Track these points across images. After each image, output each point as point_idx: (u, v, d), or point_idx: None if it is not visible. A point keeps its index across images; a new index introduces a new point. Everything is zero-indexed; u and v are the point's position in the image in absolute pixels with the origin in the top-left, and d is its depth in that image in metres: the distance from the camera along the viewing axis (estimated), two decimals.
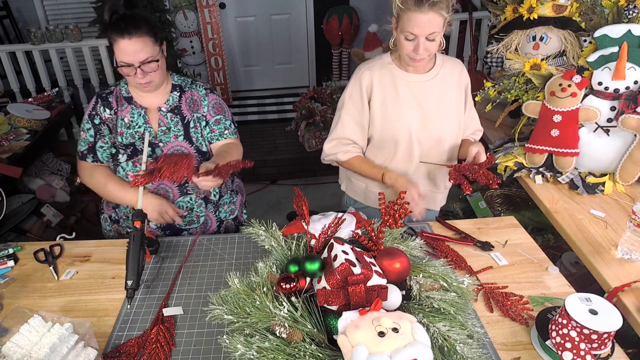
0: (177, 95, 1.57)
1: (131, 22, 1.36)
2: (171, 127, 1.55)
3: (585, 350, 0.95)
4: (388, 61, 1.55)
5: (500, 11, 2.02)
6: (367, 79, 1.54)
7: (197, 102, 1.58)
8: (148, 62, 1.40)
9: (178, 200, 1.60)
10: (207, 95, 1.60)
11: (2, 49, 3.30)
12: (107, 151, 1.57)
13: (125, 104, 1.54)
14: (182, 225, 1.63)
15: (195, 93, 1.59)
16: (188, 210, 1.62)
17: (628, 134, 1.63)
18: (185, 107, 1.57)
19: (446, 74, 1.57)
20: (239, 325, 1.02)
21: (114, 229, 1.70)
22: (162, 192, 1.58)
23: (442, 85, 1.56)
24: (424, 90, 1.55)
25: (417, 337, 0.87)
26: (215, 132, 1.60)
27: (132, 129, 1.54)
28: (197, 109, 1.58)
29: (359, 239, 1.14)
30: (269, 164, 3.88)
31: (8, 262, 1.42)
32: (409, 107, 1.54)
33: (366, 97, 1.56)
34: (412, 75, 1.54)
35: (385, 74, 1.54)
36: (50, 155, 3.05)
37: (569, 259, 1.93)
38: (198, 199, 1.62)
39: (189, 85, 1.60)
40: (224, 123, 1.61)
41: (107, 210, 1.70)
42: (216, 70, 4.76)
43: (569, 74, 1.66)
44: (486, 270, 1.33)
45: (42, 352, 0.97)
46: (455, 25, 3.42)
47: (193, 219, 1.64)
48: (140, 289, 1.30)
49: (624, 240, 1.35)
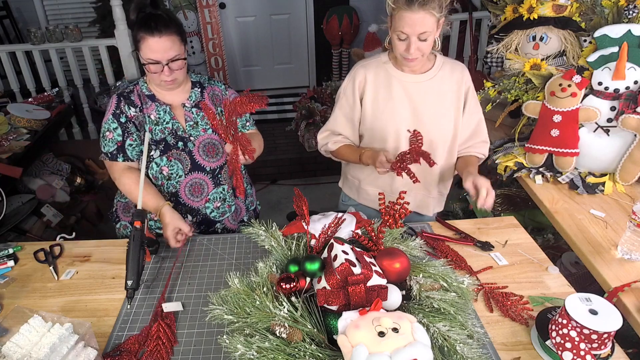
0: (198, 91, 1.59)
1: (161, 21, 1.39)
2: (198, 121, 1.58)
3: (585, 350, 0.95)
4: (385, 60, 1.56)
5: (500, 11, 2.02)
6: (360, 76, 1.56)
7: (219, 97, 1.63)
8: (175, 60, 1.43)
9: (212, 192, 1.62)
10: (227, 90, 1.66)
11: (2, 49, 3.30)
12: (136, 149, 1.55)
13: (149, 102, 1.54)
14: (217, 217, 1.67)
15: (217, 88, 1.64)
16: (221, 200, 1.66)
17: (628, 134, 1.63)
18: (208, 102, 1.60)
19: (445, 76, 1.54)
20: (239, 325, 1.02)
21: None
22: (196, 185, 1.59)
23: (440, 87, 1.54)
24: (419, 91, 1.53)
25: (417, 337, 0.87)
26: (238, 125, 1.67)
27: (161, 125, 1.54)
28: (220, 103, 1.62)
29: (359, 239, 1.14)
30: (269, 164, 3.87)
31: (8, 262, 1.42)
32: (402, 106, 1.54)
33: (358, 94, 1.57)
34: (407, 75, 1.53)
35: (380, 72, 1.55)
36: (50, 155, 3.05)
37: (569, 259, 1.93)
38: (230, 189, 1.67)
39: (207, 81, 1.64)
40: (245, 116, 1.71)
41: (124, 217, 1.70)
42: (216, 70, 4.76)
43: (569, 74, 1.66)
44: (486, 270, 1.33)
45: (42, 352, 0.97)
46: (455, 25, 3.41)
47: (226, 209, 1.68)
48: (140, 289, 1.30)
49: (624, 240, 1.35)
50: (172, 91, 1.55)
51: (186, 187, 1.58)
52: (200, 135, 1.57)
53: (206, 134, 1.58)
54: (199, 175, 1.59)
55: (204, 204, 1.62)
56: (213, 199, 1.63)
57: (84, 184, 3.14)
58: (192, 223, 1.63)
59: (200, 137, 1.57)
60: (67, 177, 3.01)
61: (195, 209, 1.62)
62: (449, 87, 1.54)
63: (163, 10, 1.45)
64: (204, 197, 1.61)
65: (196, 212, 1.63)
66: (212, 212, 1.65)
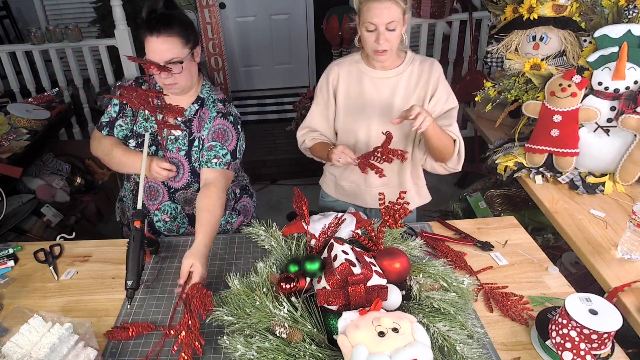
0: (195, 108, 1.51)
1: (163, 21, 1.33)
2: (179, 139, 1.51)
3: (585, 350, 0.95)
4: (357, 59, 1.60)
5: (500, 11, 2.02)
6: (334, 73, 1.61)
7: (203, 123, 1.51)
8: (173, 62, 1.35)
9: (165, 203, 1.59)
10: (215, 119, 1.50)
11: (2, 49, 3.29)
12: (124, 131, 1.55)
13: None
14: (162, 229, 1.63)
15: (207, 112, 1.51)
16: (171, 218, 1.61)
17: (628, 134, 1.63)
18: (196, 124, 1.51)
19: (414, 71, 1.55)
20: (239, 326, 1.02)
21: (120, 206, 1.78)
22: (153, 189, 1.59)
23: (409, 82, 1.55)
24: (388, 86, 1.56)
25: (417, 337, 0.87)
26: (204, 158, 1.48)
27: (149, 123, 1.53)
28: (201, 130, 1.51)
29: (359, 239, 1.14)
30: (269, 164, 3.87)
31: (8, 262, 1.42)
32: (372, 102, 1.57)
33: (332, 91, 1.62)
34: (378, 72, 1.56)
35: (352, 70, 1.59)
36: (50, 155, 3.05)
37: (569, 259, 1.93)
38: (183, 212, 1.61)
39: (210, 102, 1.53)
40: (216, 151, 1.48)
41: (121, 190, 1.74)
42: (216, 70, 4.76)
43: (569, 74, 1.66)
44: (486, 270, 1.33)
45: (42, 352, 0.97)
46: (455, 25, 3.41)
47: (173, 228, 1.62)
48: (140, 289, 1.30)
49: (624, 240, 1.35)
50: (178, 96, 1.49)
51: (146, 186, 1.59)
52: (173, 153, 1.51)
53: (178, 154, 1.51)
54: (158, 182, 1.56)
55: (154, 209, 1.60)
56: (164, 210, 1.60)
57: (84, 184, 3.14)
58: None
59: (171, 154, 1.51)
60: (67, 177, 3.01)
61: (147, 208, 1.61)
62: (417, 81, 1.56)
63: (177, 12, 1.39)
64: (157, 204, 1.60)
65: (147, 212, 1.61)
66: (158, 221, 1.62)
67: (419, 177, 1.72)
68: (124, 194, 1.73)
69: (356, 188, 1.71)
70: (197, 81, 1.50)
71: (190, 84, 1.46)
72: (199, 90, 1.53)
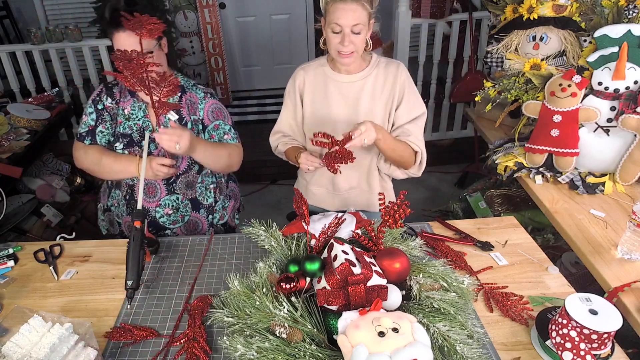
0: (178, 95, 1.58)
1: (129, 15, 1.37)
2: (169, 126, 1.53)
3: (585, 350, 0.95)
4: (322, 63, 1.61)
5: (500, 11, 2.02)
6: (300, 77, 1.62)
7: (195, 105, 1.59)
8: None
9: (165, 198, 1.62)
10: (205, 99, 1.61)
11: (2, 49, 3.29)
12: (106, 137, 1.58)
13: (129, 97, 1.57)
14: (167, 224, 1.66)
15: (194, 95, 1.60)
16: (173, 210, 1.64)
17: (628, 134, 1.63)
18: (185, 108, 1.58)
19: (379, 74, 1.55)
20: (239, 327, 1.02)
21: (107, 217, 1.75)
22: (151, 186, 1.60)
23: (374, 85, 1.54)
24: (353, 91, 1.56)
25: (417, 337, 0.87)
26: (215, 138, 1.61)
27: (132, 121, 1.56)
28: (195, 112, 1.59)
29: (359, 239, 1.14)
30: (269, 164, 3.87)
31: (8, 262, 1.42)
32: (337, 106, 1.57)
33: (299, 96, 1.63)
34: (342, 76, 1.56)
35: (318, 73, 1.60)
36: (50, 155, 3.05)
37: (569, 259, 1.93)
38: (185, 199, 1.64)
39: (190, 86, 1.61)
40: (223, 128, 1.62)
41: (103, 199, 1.74)
42: (216, 70, 4.76)
43: (569, 74, 1.66)
44: (486, 270, 1.33)
45: (42, 352, 0.97)
46: (455, 25, 3.41)
47: (178, 218, 1.66)
48: (140, 289, 1.30)
49: (624, 240, 1.35)
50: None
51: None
52: None
53: None
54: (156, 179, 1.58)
55: (154, 207, 1.63)
56: (164, 205, 1.63)
57: (84, 184, 3.14)
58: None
59: None
60: (67, 177, 3.01)
61: (147, 208, 1.63)
62: (383, 85, 1.55)
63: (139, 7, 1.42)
64: (156, 201, 1.62)
65: (147, 212, 1.63)
66: (161, 217, 1.64)
67: (386, 181, 1.73)
68: (111, 203, 1.71)
69: (325, 192, 1.73)
70: (168, 71, 1.55)
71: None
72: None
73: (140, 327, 1.15)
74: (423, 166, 1.59)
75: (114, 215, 1.72)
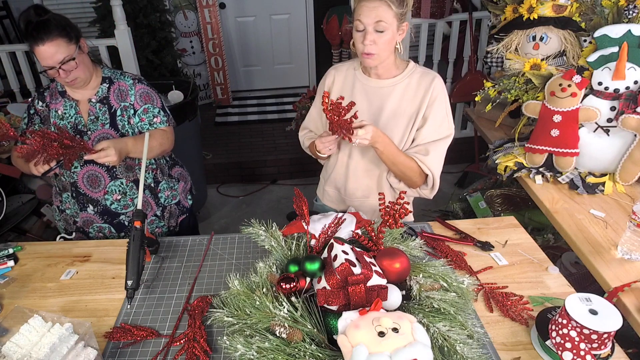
0: (106, 86, 1.64)
1: (42, 29, 1.43)
2: (99, 116, 1.62)
3: (585, 350, 0.95)
4: (355, 66, 1.57)
5: (500, 11, 2.02)
6: (330, 77, 1.61)
7: (125, 92, 1.65)
8: (66, 61, 1.47)
9: (110, 184, 1.67)
10: (135, 85, 1.66)
11: (2, 49, 3.29)
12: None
13: (60, 98, 1.64)
14: (119, 209, 1.71)
15: (123, 83, 1.65)
16: (121, 194, 1.70)
17: (628, 134, 1.63)
18: (113, 97, 1.63)
19: (411, 85, 1.47)
20: (239, 327, 1.02)
21: (62, 217, 1.79)
22: (93, 176, 1.66)
23: (403, 94, 1.47)
24: (378, 96, 1.50)
25: (417, 337, 0.87)
26: (145, 121, 1.66)
27: (66, 120, 1.63)
28: (125, 99, 1.64)
29: (359, 239, 1.14)
30: (269, 164, 3.87)
31: (8, 262, 1.42)
32: (360, 110, 1.52)
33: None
34: (371, 80, 1.51)
35: (349, 75, 1.57)
36: None
37: (569, 259, 1.93)
38: (129, 182, 1.69)
39: (118, 76, 1.67)
40: (152, 111, 1.67)
41: (55, 201, 1.80)
42: (216, 70, 4.76)
43: (569, 74, 1.66)
44: (486, 270, 1.33)
45: (42, 352, 0.97)
46: (455, 25, 3.41)
47: (128, 202, 1.71)
48: (140, 289, 1.30)
49: (624, 240, 1.35)
50: (82, 88, 1.61)
51: (83, 177, 1.66)
52: (97, 130, 1.62)
53: (103, 128, 1.62)
54: (94, 168, 1.65)
55: (103, 195, 1.68)
56: (111, 191, 1.68)
57: None
58: (94, 214, 1.71)
59: (97, 131, 1.62)
60: None
61: (95, 199, 1.69)
62: (411, 96, 1.47)
63: (50, 16, 1.47)
64: (102, 189, 1.68)
65: (97, 203, 1.69)
66: (112, 204, 1.70)
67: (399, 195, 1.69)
68: (64, 207, 1.76)
69: (337, 195, 1.72)
70: (94, 68, 1.62)
71: (89, 73, 1.58)
72: (100, 73, 1.64)
73: (140, 327, 1.16)
74: (435, 190, 1.55)
75: (69, 216, 1.76)
